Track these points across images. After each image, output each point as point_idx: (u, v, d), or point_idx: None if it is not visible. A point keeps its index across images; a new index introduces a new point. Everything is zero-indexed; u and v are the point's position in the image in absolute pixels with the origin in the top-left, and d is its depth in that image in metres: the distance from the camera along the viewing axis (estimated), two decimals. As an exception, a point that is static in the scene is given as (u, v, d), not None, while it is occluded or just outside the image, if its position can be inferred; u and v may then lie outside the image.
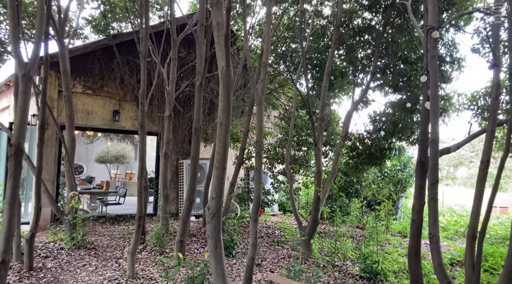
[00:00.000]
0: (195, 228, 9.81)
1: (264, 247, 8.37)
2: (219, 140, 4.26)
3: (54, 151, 9.61)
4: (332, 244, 7.05)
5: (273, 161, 11.09)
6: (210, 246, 4.11)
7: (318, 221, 7.34)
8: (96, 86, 10.19)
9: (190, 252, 7.67)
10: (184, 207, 6.70)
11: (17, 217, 6.41)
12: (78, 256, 7.16)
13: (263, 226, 11.01)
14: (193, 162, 6.84)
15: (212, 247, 4.08)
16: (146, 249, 7.67)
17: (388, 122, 8.18)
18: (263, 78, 5.61)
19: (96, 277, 6.06)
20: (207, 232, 4.13)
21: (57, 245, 7.71)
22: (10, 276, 5.91)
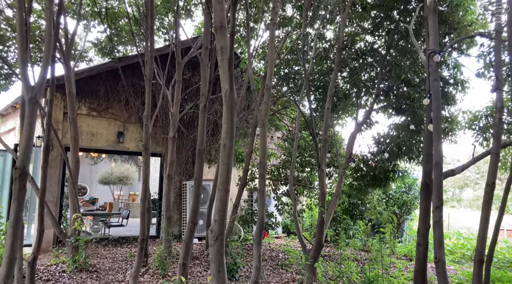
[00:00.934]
0: (198, 251, 9.72)
1: (267, 271, 8.25)
2: (223, 162, 4.26)
3: (58, 173, 9.64)
4: (337, 267, 6.95)
5: (276, 182, 11.05)
6: (213, 270, 4.06)
7: (322, 244, 7.26)
8: (101, 108, 10.29)
9: (193, 275, 7.58)
10: (187, 229, 6.66)
11: (19, 239, 6.39)
12: (80, 279, 7.08)
13: (266, 248, 10.89)
14: (196, 183, 6.83)
15: (215, 271, 4.04)
16: (148, 272, 7.59)
17: (392, 144, 8.18)
18: (267, 100, 5.66)
19: (97, 301, 5.99)
20: (210, 256, 4.09)
21: (59, 268, 7.64)
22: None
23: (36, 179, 8.68)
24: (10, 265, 2.74)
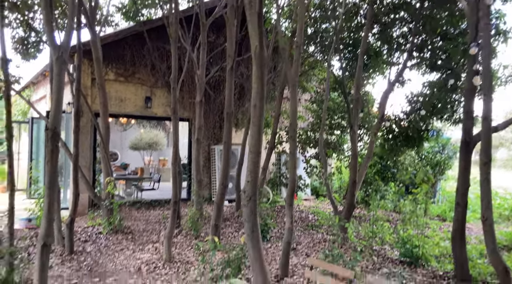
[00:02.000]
0: (229, 213, 9.83)
1: (298, 232, 8.27)
2: (253, 124, 4.14)
3: (89, 139, 9.79)
4: (369, 228, 6.86)
5: (305, 145, 10.90)
6: (246, 230, 4.03)
7: (354, 205, 7.16)
8: (128, 73, 10.26)
9: (225, 236, 7.67)
10: (218, 191, 6.68)
11: (56, 202, 6.57)
12: (116, 240, 7.29)
13: (296, 210, 10.91)
14: (225, 147, 6.78)
15: (249, 231, 4.01)
16: (181, 233, 7.73)
17: (426, 103, 7.83)
18: (297, 58, 5.43)
19: (133, 260, 6.15)
20: (243, 216, 4.06)
21: (95, 230, 7.89)
22: (53, 259, 6.08)
23: (69, 145, 8.85)
24: (49, 225, 2.75)
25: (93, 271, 5.66)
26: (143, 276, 5.44)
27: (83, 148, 9.56)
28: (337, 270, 2.98)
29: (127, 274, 5.55)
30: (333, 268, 3.07)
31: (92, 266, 5.86)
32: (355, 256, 5.04)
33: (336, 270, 3.00)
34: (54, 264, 5.86)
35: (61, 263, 5.91)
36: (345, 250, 6.66)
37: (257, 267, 3.99)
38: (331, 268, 3.09)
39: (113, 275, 5.50)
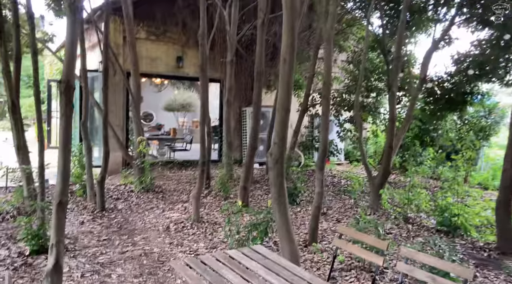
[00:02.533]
0: (259, 175, 9.69)
1: (329, 196, 8.03)
2: (282, 79, 3.81)
3: (122, 98, 9.75)
4: (404, 195, 6.51)
5: (339, 108, 10.43)
6: (273, 194, 3.82)
7: (389, 171, 6.79)
8: (159, 32, 10.02)
9: (254, 198, 7.55)
10: (247, 153, 6.48)
11: (88, 160, 6.60)
12: (147, 199, 7.33)
13: (328, 175, 10.62)
14: (255, 108, 6.50)
15: (276, 195, 3.79)
16: (211, 194, 7.67)
17: (474, 63, 7.15)
18: (332, 11, 4.97)
19: (162, 219, 6.14)
20: (269, 179, 3.83)
21: (128, 188, 7.97)
22: (85, 215, 6.17)
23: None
24: (64, 182, 2.61)
25: (122, 228, 5.69)
26: (171, 235, 5.41)
27: (115, 107, 9.57)
28: (368, 240, 2.72)
29: (155, 232, 5.54)
30: (363, 238, 2.82)
31: (122, 223, 5.90)
32: (388, 224, 4.75)
33: (367, 240, 2.74)
34: (85, 220, 5.94)
35: (92, 219, 5.98)
36: (378, 217, 6.38)
37: (284, 233, 3.79)
38: (361, 237, 2.84)
39: (142, 233, 5.51)
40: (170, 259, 4.56)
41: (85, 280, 3.89)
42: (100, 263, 4.33)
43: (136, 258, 4.56)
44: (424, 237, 5.51)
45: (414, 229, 5.86)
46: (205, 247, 4.94)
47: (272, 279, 2.23)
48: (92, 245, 4.91)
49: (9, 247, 4.56)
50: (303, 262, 4.50)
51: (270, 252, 2.79)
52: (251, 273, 2.32)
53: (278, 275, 2.31)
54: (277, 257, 2.66)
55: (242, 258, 2.54)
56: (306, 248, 4.96)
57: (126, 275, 4.07)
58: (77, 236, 5.22)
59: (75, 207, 6.57)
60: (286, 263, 2.51)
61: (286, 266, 2.45)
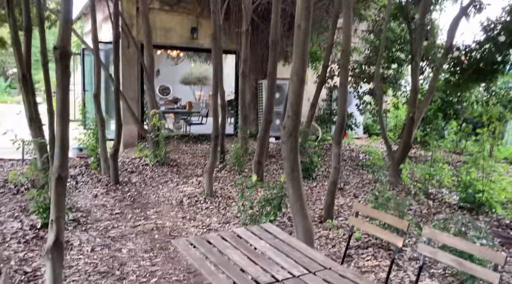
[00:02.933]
0: (275, 149, 9.49)
1: (347, 171, 7.79)
2: (297, 47, 3.54)
3: (136, 71, 9.57)
4: (426, 170, 6.22)
5: (358, 80, 10.02)
6: (286, 169, 3.61)
7: (410, 145, 6.49)
8: (173, 2, 9.70)
9: (269, 173, 7.38)
10: (261, 127, 6.25)
11: (101, 133, 6.51)
12: (161, 172, 7.24)
13: (346, 149, 10.35)
14: (270, 79, 6.22)
15: (289, 170, 3.58)
16: (225, 168, 7.54)
17: (506, 30, 6.65)
18: (353, -27, 4.58)
19: (176, 193, 6.04)
20: (282, 154, 3.62)
21: (142, 161, 7.89)
22: (99, 188, 6.13)
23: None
24: (63, 156, 2.46)
25: (135, 202, 5.62)
26: (184, 209, 5.31)
27: (130, 80, 9.42)
28: (387, 219, 2.51)
29: (168, 206, 5.45)
30: (382, 216, 2.61)
31: (135, 197, 5.83)
32: (408, 200, 4.50)
33: (386, 218, 2.53)
34: (99, 193, 5.89)
35: (106, 193, 5.93)
36: (398, 193, 6.13)
37: (297, 209, 3.60)
38: (379, 216, 2.63)
39: (155, 206, 5.42)
40: (182, 233, 4.47)
41: (95, 254, 3.82)
42: (111, 237, 4.26)
43: (147, 232, 4.48)
44: (446, 214, 5.27)
45: (435, 205, 5.61)
46: (218, 222, 4.83)
47: (281, 261, 2.05)
48: (104, 218, 4.85)
49: (21, 220, 4.53)
50: (317, 238, 4.33)
51: (280, 231, 2.61)
52: (259, 253, 2.15)
53: (288, 256, 2.14)
54: (288, 236, 2.48)
55: (250, 237, 2.37)
56: (322, 224, 4.79)
57: (136, 249, 3.98)
58: (90, 209, 5.17)
59: (89, 180, 6.53)
60: (298, 243, 2.33)
61: (297, 246, 2.27)
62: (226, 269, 1.92)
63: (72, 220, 4.64)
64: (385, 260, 3.81)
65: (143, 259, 3.76)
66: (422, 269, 2.34)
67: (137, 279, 3.38)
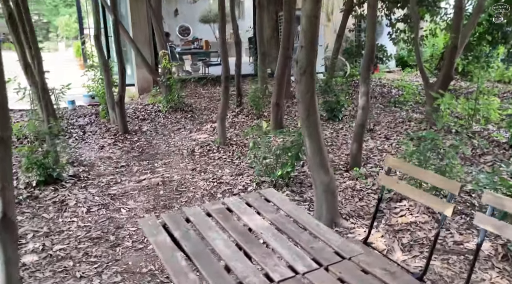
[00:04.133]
0: (298, 88, 8.72)
1: (377, 109, 7.01)
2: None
3: (144, 8, 8.75)
4: (470, 104, 5.36)
5: (390, 5, 8.80)
6: (301, 113, 2.95)
7: (451, 76, 5.59)
8: None
9: (290, 115, 6.72)
10: (278, 64, 5.48)
11: (106, 79, 5.96)
12: (174, 119, 6.73)
13: (377, 84, 9.43)
14: (287, 6, 5.34)
15: (304, 114, 2.92)
16: (243, 112, 6.92)
17: None
18: None
19: (188, 141, 5.54)
20: (296, 95, 2.94)
21: (155, 108, 7.38)
22: (106, 138, 5.70)
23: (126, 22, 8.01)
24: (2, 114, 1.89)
25: (144, 153, 5.16)
26: (195, 160, 4.81)
27: (140, 21, 8.67)
28: (430, 179, 1.86)
29: (179, 156, 4.96)
30: (423, 175, 1.95)
31: (144, 147, 5.37)
32: (452, 148, 3.71)
33: (428, 178, 1.88)
34: (106, 144, 5.46)
35: (113, 143, 5.49)
36: (436, 132, 5.36)
37: (315, 161, 2.99)
38: (420, 174, 1.97)
39: (164, 157, 4.95)
40: (190, 188, 3.99)
41: (90, 216, 3.41)
42: (112, 195, 3.83)
43: (153, 187, 4.02)
44: (494, 155, 4.52)
45: (480, 145, 4.83)
46: (230, 174, 4.30)
47: (281, 249, 1.47)
48: (108, 173, 4.43)
49: (18, 177, 4.16)
50: (342, 190, 3.75)
51: (284, 199, 2.01)
52: (253, 237, 1.57)
53: (292, 240, 1.56)
54: (295, 207, 1.87)
55: (244, 212, 1.78)
56: (347, 173, 4.18)
57: (137, 209, 3.54)
58: (94, 162, 4.76)
59: (98, 129, 6.10)
60: (307, 218, 1.73)
61: (307, 223, 1.68)
62: (202, 266, 1.38)
63: (72, 176, 4.24)
64: (423, 216, 3.21)
65: (143, 221, 3.31)
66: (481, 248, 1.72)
67: (132, 245, 2.96)
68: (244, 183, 4.02)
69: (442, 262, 2.63)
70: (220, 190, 3.89)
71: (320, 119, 6.41)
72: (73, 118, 6.77)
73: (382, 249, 2.79)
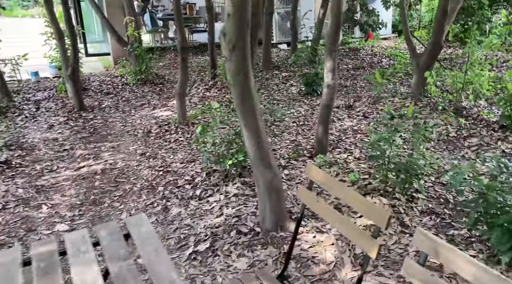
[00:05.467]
0: (283, 58, 8.07)
1: (363, 82, 6.39)
2: None
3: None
4: (459, 76, 4.74)
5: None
6: (234, 98, 2.39)
7: (440, 45, 4.93)
8: None
9: (268, 89, 6.13)
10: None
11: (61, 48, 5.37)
12: (141, 93, 6.17)
13: (367, 53, 8.72)
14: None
15: (237, 100, 2.36)
16: (216, 85, 6.33)
17: None
18: None
19: (148, 120, 5.01)
20: (227, 75, 2.37)
21: (124, 80, 6.81)
22: (59, 116, 5.18)
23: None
24: None
25: (95, 133, 4.65)
26: (149, 142, 4.30)
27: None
28: (355, 202, 1.32)
29: (132, 138, 4.45)
30: (345, 196, 1.37)
31: (98, 126, 4.85)
32: (415, 133, 3.13)
33: (352, 200, 1.32)
34: (57, 123, 4.94)
35: (65, 122, 4.97)
36: (421, 109, 4.78)
37: (255, 156, 2.46)
38: (341, 193, 1.40)
39: (115, 139, 4.44)
40: (131, 178, 3.50)
41: (3, 215, 2.94)
42: (39, 186, 3.36)
43: (89, 177, 3.54)
44: (480, 137, 3.96)
45: (468, 124, 4.26)
46: (182, 160, 3.80)
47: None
48: (47, 158, 3.94)
49: None
50: (301, 182, 3.24)
51: (151, 236, 1.41)
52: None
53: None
54: (159, 251, 1.30)
55: (80, 259, 1.23)
56: (312, 159, 3.66)
57: (61, 206, 3.07)
58: (36, 145, 4.26)
59: (53, 106, 5.57)
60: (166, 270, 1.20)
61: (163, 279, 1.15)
62: None
63: (2, 162, 3.75)
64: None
65: (62, 222, 2.85)
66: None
67: (40, 254, 2.49)
68: (193, 173, 3.51)
69: None
70: (164, 182, 3.40)
71: (298, 94, 5.85)
72: (32, 92, 6.22)
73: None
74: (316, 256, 2.41)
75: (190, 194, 3.15)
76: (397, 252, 2.40)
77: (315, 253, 2.43)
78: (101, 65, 8.45)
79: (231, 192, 3.10)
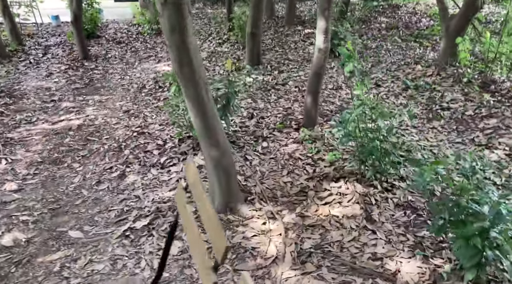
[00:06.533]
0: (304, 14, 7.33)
1: (392, 44, 5.65)
2: None
3: None
4: (493, 43, 3.96)
5: None
6: (172, 63, 1.99)
7: (476, 6, 4.11)
8: None
9: (283, 47, 5.57)
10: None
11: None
12: (152, 44, 5.84)
13: (407, 11, 7.72)
14: None
15: (175, 65, 1.97)
16: (230, 40, 5.85)
17: None
18: None
19: (147, 74, 4.71)
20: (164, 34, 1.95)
21: (140, 29, 6.48)
22: (62, 64, 5.00)
23: None
24: None
25: (90, 84, 4.44)
26: (138, 99, 4.03)
27: None
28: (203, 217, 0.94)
29: (124, 92, 4.20)
30: (201, 208, 0.99)
31: (95, 77, 4.63)
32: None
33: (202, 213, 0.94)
34: (57, 71, 4.77)
35: (65, 70, 4.79)
36: (442, 80, 4.11)
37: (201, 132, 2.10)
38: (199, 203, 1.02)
39: (107, 93, 4.21)
40: (103, 138, 3.27)
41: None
42: (8, 139, 3.22)
43: (63, 132, 3.36)
44: (501, 118, 3.31)
45: (491, 102, 3.58)
46: (162, 122, 3.51)
47: None
48: (31, 108, 3.80)
49: None
50: (274, 158, 2.86)
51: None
52: None
53: None
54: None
55: None
56: (297, 132, 3.23)
57: (21, 162, 2.91)
58: (28, 93, 4.13)
59: (60, 52, 5.40)
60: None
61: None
62: None
63: (-14, 110, 3.65)
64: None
65: (13, 179, 2.69)
66: None
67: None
68: (167, 138, 3.22)
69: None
70: (133, 144, 3.13)
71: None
72: (46, 36, 6.08)
73: None
74: (257, 247, 2.08)
75: (154, 161, 2.87)
76: (350, 252, 2.02)
77: (258, 244, 2.10)
78: (130, 11, 8.14)
79: (196, 163, 2.78)
